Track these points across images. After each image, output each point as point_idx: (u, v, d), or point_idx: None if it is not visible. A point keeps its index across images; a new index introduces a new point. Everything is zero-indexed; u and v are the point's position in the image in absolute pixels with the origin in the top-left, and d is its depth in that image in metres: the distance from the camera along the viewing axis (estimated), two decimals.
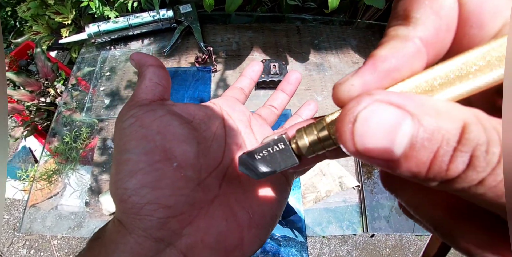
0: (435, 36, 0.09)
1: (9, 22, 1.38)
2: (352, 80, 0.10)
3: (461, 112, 0.08)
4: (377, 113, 0.08)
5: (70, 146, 0.58)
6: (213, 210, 0.17)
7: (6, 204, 1.25)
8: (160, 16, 0.68)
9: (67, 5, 0.68)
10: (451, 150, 0.07)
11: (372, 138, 0.08)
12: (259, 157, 0.14)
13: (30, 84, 0.70)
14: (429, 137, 0.08)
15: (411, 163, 0.08)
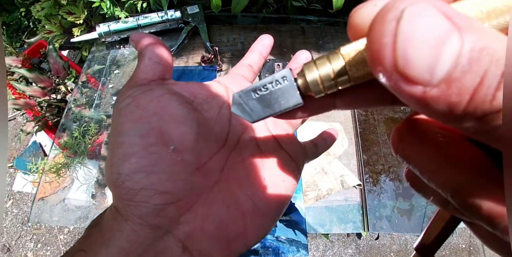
0: None
1: (23, 22, 1.42)
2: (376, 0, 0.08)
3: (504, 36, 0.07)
4: (425, 16, 0.06)
5: (79, 141, 0.60)
6: (213, 196, 0.16)
7: (15, 198, 1.28)
8: (168, 17, 0.70)
9: (79, 5, 0.71)
10: (500, 75, 0.06)
11: (417, 50, 0.06)
12: (257, 96, 0.12)
13: (42, 80, 0.72)
14: (477, 57, 0.06)
15: (452, 89, 0.06)
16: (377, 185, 0.61)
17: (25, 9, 1.35)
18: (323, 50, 0.77)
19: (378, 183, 0.61)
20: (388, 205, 0.60)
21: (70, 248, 0.14)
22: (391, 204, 0.60)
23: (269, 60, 0.66)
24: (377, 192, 0.60)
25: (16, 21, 1.41)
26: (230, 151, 0.18)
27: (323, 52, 0.76)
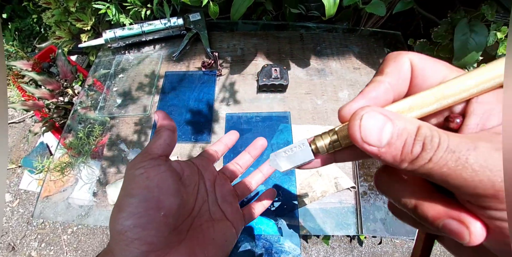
0: (397, 83, 0.16)
1: (35, 28, 1.48)
2: (351, 104, 0.16)
3: (417, 121, 0.13)
4: (373, 116, 0.13)
5: (83, 141, 0.63)
6: (180, 250, 0.22)
7: (22, 198, 1.31)
8: (171, 24, 0.73)
9: (87, 13, 0.75)
10: (412, 140, 0.13)
11: (370, 131, 0.13)
12: (286, 155, 0.19)
13: (50, 83, 0.76)
14: (400, 133, 0.13)
15: (391, 149, 0.13)
16: (371, 188, 0.62)
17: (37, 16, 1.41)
18: (321, 55, 0.79)
19: (372, 186, 0.62)
20: (383, 208, 0.60)
21: None
22: (386, 207, 0.60)
23: (267, 65, 0.68)
24: (371, 195, 0.61)
25: (28, 27, 1.47)
26: (194, 217, 0.25)
27: (322, 58, 0.78)
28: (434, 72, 0.15)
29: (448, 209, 0.13)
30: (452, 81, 0.14)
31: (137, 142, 0.64)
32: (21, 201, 1.30)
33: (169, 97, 0.68)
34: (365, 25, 0.87)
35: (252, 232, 0.54)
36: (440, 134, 0.12)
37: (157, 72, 0.73)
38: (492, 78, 0.13)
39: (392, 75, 0.16)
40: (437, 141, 0.12)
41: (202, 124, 0.64)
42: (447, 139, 0.12)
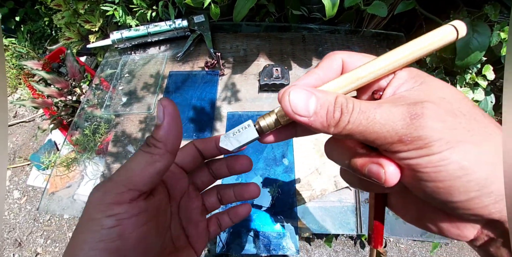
0: (327, 74, 0.19)
1: (46, 31, 1.53)
2: (286, 88, 0.18)
3: (335, 93, 0.17)
4: (298, 92, 0.16)
5: (89, 138, 0.65)
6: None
7: (29, 195, 1.35)
8: (175, 25, 0.76)
9: (95, 15, 0.77)
10: (333, 107, 0.15)
11: (298, 103, 0.16)
12: (232, 135, 0.20)
13: (59, 82, 0.79)
14: (322, 103, 0.16)
15: (318, 117, 0.16)
16: None
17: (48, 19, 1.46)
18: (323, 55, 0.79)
19: None
20: None
21: None
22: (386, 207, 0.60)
23: (269, 65, 0.69)
24: None
25: (40, 29, 1.51)
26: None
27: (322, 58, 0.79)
28: (361, 63, 0.18)
29: (371, 158, 0.16)
30: (364, 66, 0.17)
31: (141, 139, 0.65)
32: (28, 198, 1.34)
33: (172, 96, 0.70)
34: (368, 26, 0.88)
35: (250, 228, 0.54)
36: (354, 100, 0.15)
37: (162, 72, 0.75)
38: (392, 62, 0.17)
39: (323, 68, 0.19)
40: (351, 106, 0.15)
41: (204, 122, 0.65)
42: (359, 103, 0.15)
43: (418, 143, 0.14)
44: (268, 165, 0.61)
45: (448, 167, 0.13)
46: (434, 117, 0.14)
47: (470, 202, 0.14)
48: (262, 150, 0.62)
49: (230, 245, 0.53)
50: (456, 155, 0.13)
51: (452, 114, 0.14)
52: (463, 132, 0.14)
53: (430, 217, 0.17)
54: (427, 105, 0.14)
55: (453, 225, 0.16)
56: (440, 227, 0.17)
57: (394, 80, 0.17)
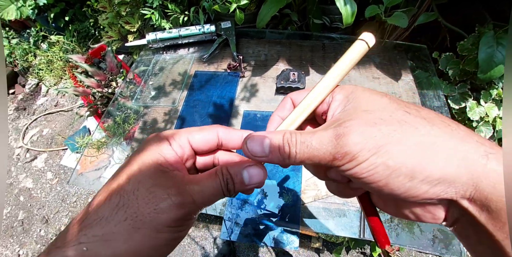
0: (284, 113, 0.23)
1: (90, 31, 1.69)
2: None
3: (282, 131, 0.19)
4: (254, 139, 0.19)
5: (119, 126, 0.73)
6: None
7: (60, 178, 1.47)
8: (204, 30, 0.82)
9: (135, 17, 0.86)
10: (282, 144, 0.18)
11: (255, 148, 0.19)
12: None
13: (98, 74, 0.88)
14: (274, 142, 0.19)
15: (273, 155, 0.19)
16: None
17: (93, 20, 1.61)
18: None
19: None
20: (389, 215, 0.60)
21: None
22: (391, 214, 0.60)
23: (286, 69, 0.73)
24: None
25: (85, 29, 1.68)
26: None
27: None
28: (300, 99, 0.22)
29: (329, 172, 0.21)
30: (304, 99, 0.21)
31: (164, 129, 0.72)
32: (59, 180, 1.46)
33: (196, 93, 0.76)
34: (389, 37, 0.90)
35: (255, 222, 0.58)
36: (296, 133, 0.18)
37: (188, 71, 0.82)
38: (323, 89, 0.21)
39: (279, 110, 0.24)
40: (294, 140, 0.18)
41: (222, 118, 0.70)
42: (299, 136, 0.18)
43: (347, 157, 0.16)
44: None
45: (378, 169, 0.16)
46: (355, 132, 0.17)
47: (410, 191, 0.16)
48: None
49: (233, 233, 0.57)
50: (380, 158, 0.16)
51: (372, 124, 0.17)
52: (382, 137, 0.16)
53: (404, 207, 0.19)
54: (348, 123, 0.17)
55: (424, 210, 0.18)
56: (415, 214, 0.19)
57: (332, 103, 0.20)
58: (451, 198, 0.16)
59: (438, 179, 0.15)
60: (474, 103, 0.89)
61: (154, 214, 0.17)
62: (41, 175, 1.48)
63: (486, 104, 0.89)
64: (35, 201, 1.42)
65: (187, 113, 0.73)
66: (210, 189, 0.19)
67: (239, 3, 0.59)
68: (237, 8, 0.61)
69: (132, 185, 0.18)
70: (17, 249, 1.29)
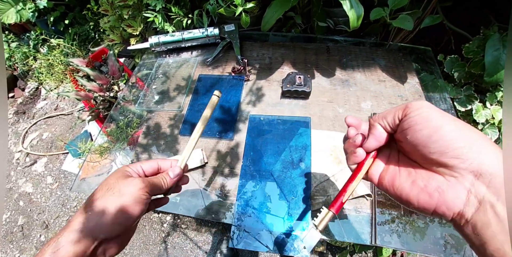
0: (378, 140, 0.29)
1: (90, 34, 1.69)
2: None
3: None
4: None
5: (122, 130, 0.71)
6: None
7: (61, 182, 1.46)
8: (208, 33, 0.82)
9: (137, 20, 0.85)
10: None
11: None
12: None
13: (100, 78, 0.87)
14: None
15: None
16: (389, 199, 0.61)
17: (93, 23, 1.61)
18: (346, 66, 0.82)
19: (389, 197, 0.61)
20: (400, 220, 0.59)
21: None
22: (405, 219, 0.59)
23: (292, 73, 0.73)
24: (388, 206, 0.60)
25: (85, 32, 1.67)
26: None
27: (347, 69, 0.81)
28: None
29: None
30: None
31: (169, 134, 0.70)
32: (60, 185, 1.45)
33: (201, 97, 0.75)
34: (394, 40, 0.89)
35: (263, 229, 0.57)
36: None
37: (192, 75, 0.81)
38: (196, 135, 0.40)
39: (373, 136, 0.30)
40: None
41: (228, 123, 0.69)
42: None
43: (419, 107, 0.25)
44: (285, 167, 0.63)
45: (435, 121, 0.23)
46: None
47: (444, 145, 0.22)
48: (280, 152, 0.65)
49: (242, 241, 0.55)
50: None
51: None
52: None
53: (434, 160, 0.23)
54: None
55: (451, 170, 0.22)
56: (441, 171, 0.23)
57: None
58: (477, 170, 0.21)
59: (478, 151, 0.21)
60: (480, 105, 0.88)
61: (129, 188, 0.31)
62: (41, 180, 1.47)
63: (491, 107, 0.88)
64: (35, 206, 1.40)
65: (192, 117, 0.71)
66: (156, 180, 0.34)
67: (245, 7, 0.59)
68: (243, 12, 0.60)
69: (114, 180, 0.32)
70: (17, 255, 1.27)
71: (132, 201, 0.30)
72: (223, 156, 0.66)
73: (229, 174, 0.64)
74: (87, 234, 0.27)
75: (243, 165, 0.64)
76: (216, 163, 0.65)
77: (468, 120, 0.92)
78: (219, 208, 0.60)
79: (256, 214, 0.58)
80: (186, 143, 0.68)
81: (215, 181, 0.63)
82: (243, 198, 0.60)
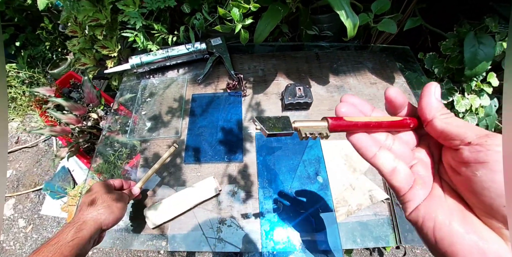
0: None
1: (47, 55, 1.52)
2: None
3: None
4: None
5: (115, 166, 0.64)
6: None
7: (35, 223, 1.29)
8: (194, 49, 0.77)
9: (112, 40, 0.78)
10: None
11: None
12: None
13: (77, 109, 0.78)
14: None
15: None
16: None
17: (50, 43, 1.45)
18: (338, 72, 0.82)
19: None
20: None
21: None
22: None
23: (291, 85, 0.71)
24: None
25: (41, 53, 1.50)
26: None
27: (339, 75, 0.81)
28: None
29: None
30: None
31: (172, 164, 0.65)
32: (34, 227, 1.28)
33: (199, 119, 0.70)
34: (376, 42, 0.92)
35: (295, 248, 0.54)
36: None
37: (184, 95, 0.75)
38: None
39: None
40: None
41: (234, 144, 0.65)
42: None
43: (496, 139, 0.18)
44: (303, 183, 0.62)
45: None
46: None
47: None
48: (295, 168, 0.63)
49: None
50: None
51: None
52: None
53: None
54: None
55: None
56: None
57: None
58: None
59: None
60: (460, 96, 0.94)
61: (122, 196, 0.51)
62: (11, 224, 1.28)
63: (469, 96, 0.95)
64: (9, 255, 1.22)
65: (194, 142, 0.66)
66: (126, 194, 0.53)
67: (244, 23, 0.55)
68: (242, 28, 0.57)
69: (107, 190, 0.50)
70: None
71: (124, 205, 0.50)
72: (236, 180, 0.62)
73: (246, 198, 0.60)
74: (98, 225, 0.44)
75: (259, 187, 0.61)
76: (230, 188, 0.61)
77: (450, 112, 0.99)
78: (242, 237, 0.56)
79: (285, 239, 0.55)
80: (193, 172, 0.63)
81: (232, 208, 0.59)
82: (268, 221, 0.57)
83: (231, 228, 0.56)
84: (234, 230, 0.56)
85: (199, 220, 0.58)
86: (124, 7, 0.65)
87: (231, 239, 0.55)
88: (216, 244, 0.55)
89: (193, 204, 0.58)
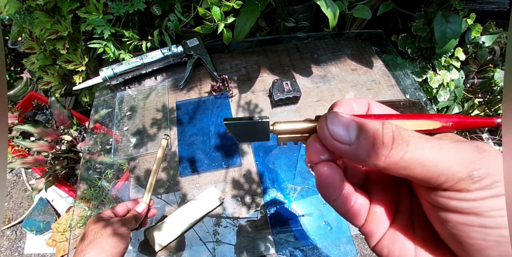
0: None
1: None
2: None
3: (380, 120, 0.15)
4: (338, 115, 0.15)
5: (102, 190, 0.58)
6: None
7: None
8: (170, 53, 0.72)
9: (77, 53, 0.71)
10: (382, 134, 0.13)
11: (338, 129, 0.14)
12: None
13: (47, 134, 0.70)
14: (368, 129, 0.14)
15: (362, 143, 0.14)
16: None
17: None
18: (319, 62, 0.81)
19: None
20: None
21: None
22: None
23: (277, 80, 0.69)
24: None
25: None
26: None
27: (321, 65, 0.81)
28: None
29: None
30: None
31: (167, 179, 0.60)
32: None
33: (187, 127, 0.66)
34: (350, 28, 0.92)
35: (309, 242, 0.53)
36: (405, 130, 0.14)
37: (167, 104, 0.70)
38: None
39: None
40: (406, 133, 0.13)
41: (230, 147, 0.62)
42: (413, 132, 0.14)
43: (485, 181, 0.12)
44: (305, 178, 0.60)
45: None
46: (496, 155, 0.12)
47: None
48: (294, 164, 0.61)
49: None
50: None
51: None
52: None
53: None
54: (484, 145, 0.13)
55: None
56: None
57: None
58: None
59: None
60: (433, 73, 0.98)
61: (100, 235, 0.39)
62: None
63: (440, 71, 1.00)
64: None
65: (187, 153, 0.62)
66: (127, 217, 0.44)
67: (226, 22, 0.52)
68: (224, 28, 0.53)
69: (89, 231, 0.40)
70: None
71: (120, 236, 0.40)
72: (238, 185, 0.59)
73: (252, 202, 0.58)
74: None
75: (263, 188, 0.58)
76: (233, 194, 0.58)
77: (426, 89, 1.03)
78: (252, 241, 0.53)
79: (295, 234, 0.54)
80: (191, 184, 0.59)
81: (239, 214, 0.56)
82: (278, 221, 0.55)
83: (240, 233, 0.54)
84: (245, 236, 0.53)
85: (205, 232, 0.54)
86: (86, 15, 0.58)
87: (241, 245, 0.53)
88: (223, 251, 0.52)
89: (198, 217, 0.55)
